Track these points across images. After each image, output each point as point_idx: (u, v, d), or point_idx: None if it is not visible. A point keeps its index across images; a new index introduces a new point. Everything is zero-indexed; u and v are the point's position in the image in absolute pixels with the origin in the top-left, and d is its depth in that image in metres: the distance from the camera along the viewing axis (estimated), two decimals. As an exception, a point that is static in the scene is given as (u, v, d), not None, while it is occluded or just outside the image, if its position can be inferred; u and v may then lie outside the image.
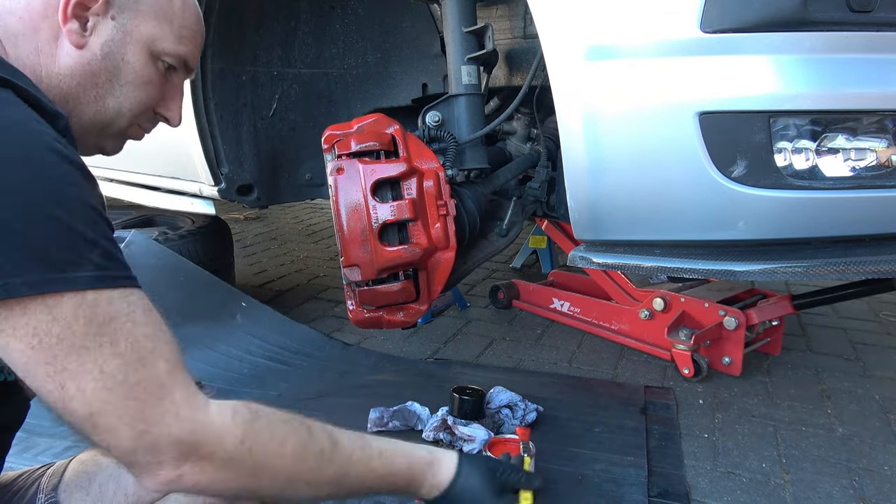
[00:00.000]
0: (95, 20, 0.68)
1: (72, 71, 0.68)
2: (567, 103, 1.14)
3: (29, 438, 1.44)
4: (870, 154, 1.05)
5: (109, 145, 0.77)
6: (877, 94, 1.02)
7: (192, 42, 0.77)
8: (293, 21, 1.85)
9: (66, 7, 0.66)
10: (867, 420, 1.63)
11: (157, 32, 0.72)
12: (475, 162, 1.46)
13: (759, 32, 0.99)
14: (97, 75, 0.69)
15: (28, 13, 0.67)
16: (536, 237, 2.91)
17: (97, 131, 0.73)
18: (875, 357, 2.05)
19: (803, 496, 1.32)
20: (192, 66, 0.79)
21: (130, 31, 0.70)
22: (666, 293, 1.97)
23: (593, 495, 1.27)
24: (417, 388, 1.76)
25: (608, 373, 1.93)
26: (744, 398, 1.75)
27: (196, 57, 0.79)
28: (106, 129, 0.74)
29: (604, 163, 1.14)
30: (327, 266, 3.18)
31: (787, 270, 1.07)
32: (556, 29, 1.13)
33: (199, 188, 2.00)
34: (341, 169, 1.27)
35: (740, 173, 1.05)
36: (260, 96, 1.89)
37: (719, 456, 1.46)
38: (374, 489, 0.74)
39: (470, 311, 2.50)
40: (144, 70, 0.72)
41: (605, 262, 1.24)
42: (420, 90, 1.97)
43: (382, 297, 1.33)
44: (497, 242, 1.57)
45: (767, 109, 1.02)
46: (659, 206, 1.14)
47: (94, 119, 0.72)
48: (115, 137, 0.77)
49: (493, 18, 1.60)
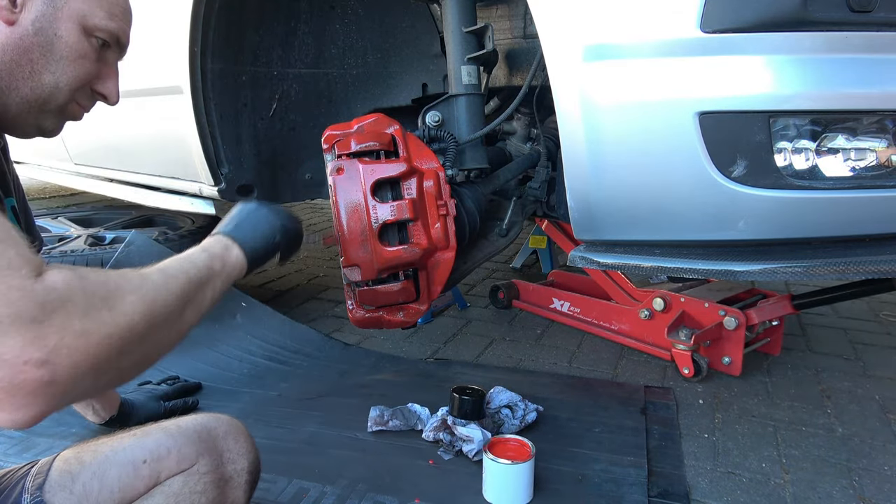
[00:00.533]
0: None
1: (3, 47, 0.69)
2: (567, 103, 1.14)
3: (29, 438, 1.44)
4: (870, 154, 1.05)
5: (49, 124, 0.78)
6: (877, 94, 1.02)
7: (123, 19, 0.78)
8: (293, 21, 1.85)
9: None
10: (867, 420, 1.63)
11: (88, 8, 0.73)
12: (475, 162, 1.46)
13: (759, 32, 0.99)
14: (30, 51, 0.70)
15: None
16: (536, 237, 2.91)
17: (36, 109, 0.74)
18: (875, 357, 2.05)
19: (803, 496, 1.32)
20: (124, 44, 0.80)
21: (61, 7, 0.71)
22: (666, 293, 1.97)
23: (593, 495, 1.27)
24: (417, 388, 1.76)
25: (608, 373, 1.93)
26: (744, 398, 1.75)
27: (127, 35, 0.80)
28: (44, 105, 0.75)
29: (604, 163, 1.14)
30: (327, 266, 3.18)
31: (787, 270, 1.07)
32: (555, 29, 1.13)
33: (199, 188, 2.00)
34: (341, 169, 1.27)
35: (740, 173, 1.05)
36: (260, 96, 1.89)
37: (719, 456, 1.46)
38: (204, 282, 0.74)
39: (470, 311, 2.50)
40: (78, 45, 0.73)
41: (605, 262, 1.24)
42: (420, 90, 1.97)
43: (382, 297, 1.33)
44: (497, 242, 1.58)
45: (767, 109, 1.02)
46: (659, 207, 1.14)
47: (32, 95, 0.73)
48: (54, 115, 0.77)
49: (493, 18, 1.60)
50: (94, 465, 0.78)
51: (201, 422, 0.86)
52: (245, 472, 0.86)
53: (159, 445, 0.80)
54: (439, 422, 1.44)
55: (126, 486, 0.78)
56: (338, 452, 1.42)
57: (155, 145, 2.10)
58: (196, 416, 0.87)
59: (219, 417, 0.89)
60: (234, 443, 0.87)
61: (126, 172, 2.40)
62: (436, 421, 1.46)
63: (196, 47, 1.69)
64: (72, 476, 0.78)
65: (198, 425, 0.85)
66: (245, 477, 0.86)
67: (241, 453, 0.87)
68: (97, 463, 0.79)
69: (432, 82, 1.95)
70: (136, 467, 0.79)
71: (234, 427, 0.89)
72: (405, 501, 1.24)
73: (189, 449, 0.81)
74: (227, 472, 0.84)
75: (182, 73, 1.73)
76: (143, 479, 0.79)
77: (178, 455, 0.80)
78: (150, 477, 0.79)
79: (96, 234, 2.47)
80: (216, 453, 0.84)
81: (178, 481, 0.80)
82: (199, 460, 0.81)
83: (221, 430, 0.87)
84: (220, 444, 0.85)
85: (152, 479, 0.79)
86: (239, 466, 0.86)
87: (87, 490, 0.77)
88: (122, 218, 2.77)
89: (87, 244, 2.30)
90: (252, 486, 0.88)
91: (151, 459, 0.79)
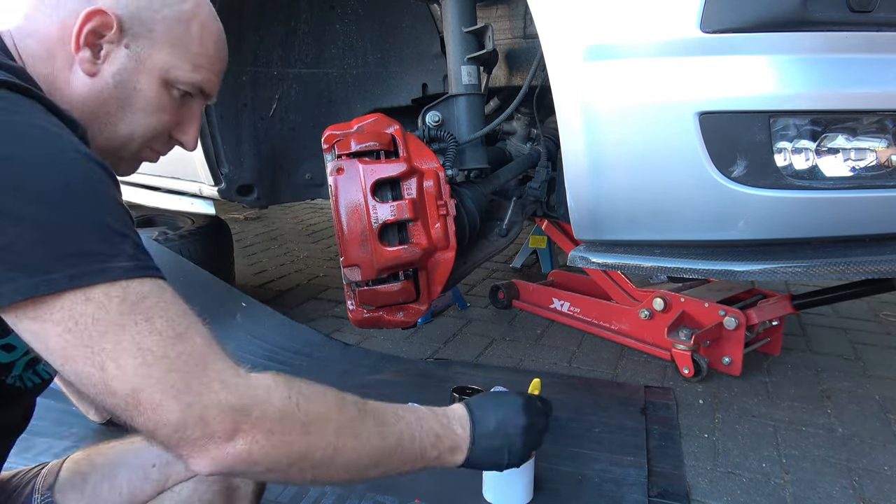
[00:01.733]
0: (109, 48, 0.68)
1: (84, 98, 0.68)
2: (567, 103, 1.14)
3: (29, 438, 1.44)
4: (870, 154, 1.05)
5: (122, 167, 0.78)
6: (877, 94, 1.02)
7: (210, 70, 0.76)
8: (293, 21, 1.85)
9: (79, 35, 0.66)
10: (867, 420, 1.63)
11: (172, 60, 0.71)
12: (475, 162, 1.46)
13: (758, 32, 0.99)
14: (108, 103, 0.69)
15: (46, 37, 0.67)
16: (536, 237, 2.91)
17: (110, 156, 0.74)
18: (875, 357, 2.05)
19: (803, 496, 1.32)
20: (210, 93, 0.79)
21: (143, 60, 0.70)
22: (666, 293, 1.97)
23: (593, 495, 1.27)
24: (417, 388, 1.76)
25: (608, 373, 1.93)
26: (744, 398, 1.75)
27: (215, 84, 0.78)
28: (118, 152, 0.74)
29: (604, 163, 1.14)
30: (327, 266, 3.18)
31: (787, 270, 1.07)
32: (555, 29, 1.13)
33: (199, 188, 2.00)
34: (341, 169, 1.26)
35: (740, 173, 1.04)
36: (260, 96, 1.89)
37: (719, 456, 1.46)
38: (405, 459, 0.72)
39: (470, 311, 2.50)
40: (157, 98, 0.72)
41: (604, 262, 1.23)
42: (420, 90, 1.97)
43: (382, 297, 1.33)
44: (497, 242, 1.57)
45: (767, 109, 1.01)
46: (659, 206, 1.14)
47: (106, 144, 0.72)
48: (127, 161, 0.77)
49: (493, 18, 1.60)
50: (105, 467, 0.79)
51: None
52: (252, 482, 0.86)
53: None
54: (439, 422, 1.44)
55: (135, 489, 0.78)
56: (338, 452, 1.42)
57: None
58: None
59: None
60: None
61: (126, 172, 2.40)
62: (436, 421, 1.46)
63: (196, 47, 1.69)
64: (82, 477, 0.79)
65: None
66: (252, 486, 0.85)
67: None
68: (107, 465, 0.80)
69: (432, 82, 1.95)
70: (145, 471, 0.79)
71: None
72: (405, 501, 1.24)
73: None
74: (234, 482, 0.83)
75: (182, 73, 1.73)
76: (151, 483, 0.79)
77: None
78: (158, 481, 0.79)
79: (96, 234, 2.47)
80: None
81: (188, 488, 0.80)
82: None
83: None
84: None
85: (160, 483, 0.79)
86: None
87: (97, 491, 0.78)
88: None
89: (87, 244, 2.30)
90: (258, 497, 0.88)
91: (160, 464, 0.80)
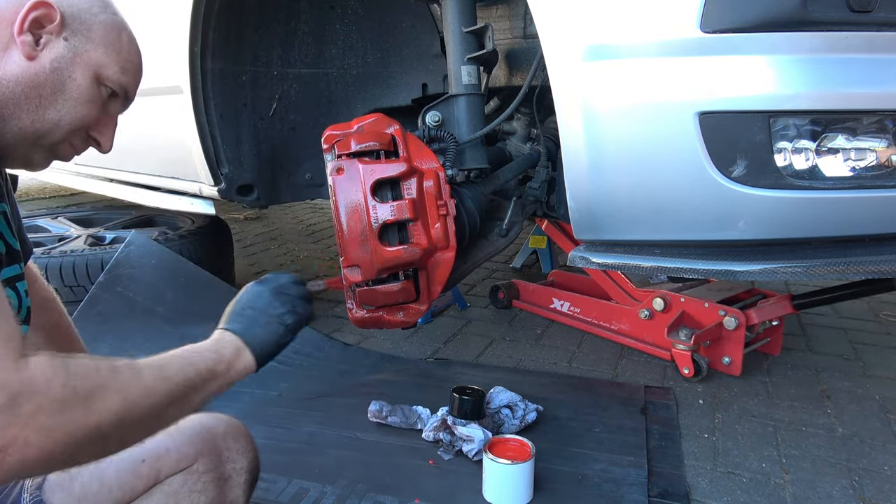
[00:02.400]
0: (48, 38, 0.73)
1: (17, 78, 0.72)
2: (567, 103, 1.14)
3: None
4: (870, 154, 1.05)
5: (37, 158, 0.80)
6: (877, 94, 1.02)
7: (134, 75, 0.83)
8: (293, 21, 1.85)
9: (23, 22, 0.71)
10: (867, 420, 1.63)
11: (105, 60, 0.78)
12: (475, 162, 1.46)
13: (758, 32, 0.99)
14: (42, 86, 0.74)
15: None
16: (536, 237, 2.91)
17: (30, 141, 0.76)
18: (875, 357, 2.05)
19: (803, 496, 1.32)
20: (130, 98, 0.85)
21: (80, 54, 0.76)
22: (666, 293, 1.97)
23: (593, 495, 1.27)
24: (417, 388, 1.76)
25: (608, 373, 1.93)
26: (744, 398, 1.75)
27: (134, 90, 0.85)
28: (39, 139, 0.77)
29: (604, 163, 1.14)
30: (327, 266, 3.18)
31: (787, 270, 1.07)
32: (555, 29, 1.13)
33: (199, 188, 2.00)
34: (341, 169, 1.26)
35: (740, 173, 1.04)
36: (260, 96, 1.89)
37: (719, 456, 1.46)
38: (199, 386, 0.71)
39: (470, 311, 2.50)
40: (89, 90, 0.77)
41: (604, 262, 1.23)
42: (420, 90, 1.97)
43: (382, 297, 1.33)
44: (497, 242, 1.57)
45: (767, 109, 1.01)
46: (659, 207, 1.14)
47: (31, 128, 0.74)
48: (45, 150, 0.79)
49: (493, 18, 1.60)
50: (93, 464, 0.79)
51: (201, 421, 0.86)
52: (244, 471, 0.86)
53: (158, 445, 0.81)
54: (439, 422, 1.44)
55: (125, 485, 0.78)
56: (338, 452, 1.42)
57: (155, 145, 2.10)
58: (195, 416, 0.87)
59: (218, 417, 0.89)
60: (234, 442, 0.87)
61: (126, 172, 2.39)
62: (436, 421, 1.46)
63: (196, 47, 1.69)
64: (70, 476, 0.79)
65: (197, 425, 0.85)
66: (244, 476, 0.86)
67: (241, 452, 0.87)
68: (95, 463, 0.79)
69: (432, 82, 1.95)
70: (135, 466, 0.79)
71: (234, 426, 0.89)
72: (405, 501, 1.24)
73: (188, 448, 0.82)
74: (226, 471, 0.84)
75: (182, 73, 1.73)
76: (142, 479, 0.79)
77: (177, 454, 0.81)
78: (149, 476, 0.79)
79: (96, 234, 2.47)
80: (215, 452, 0.84)
81: (178, 480, 0.80)
82: (199, 459, 0.82)
83: (221, 429, 0.87)
84: (220, 443, 0.85)
85: (151, 478, 0.79)
86: (238, 465, 0.86)
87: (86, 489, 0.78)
88: (122, 218, 2.77)
89: (87, 244, 2.30)
90: (251, 486, 0.88)
91: (150, 458, 0.80)
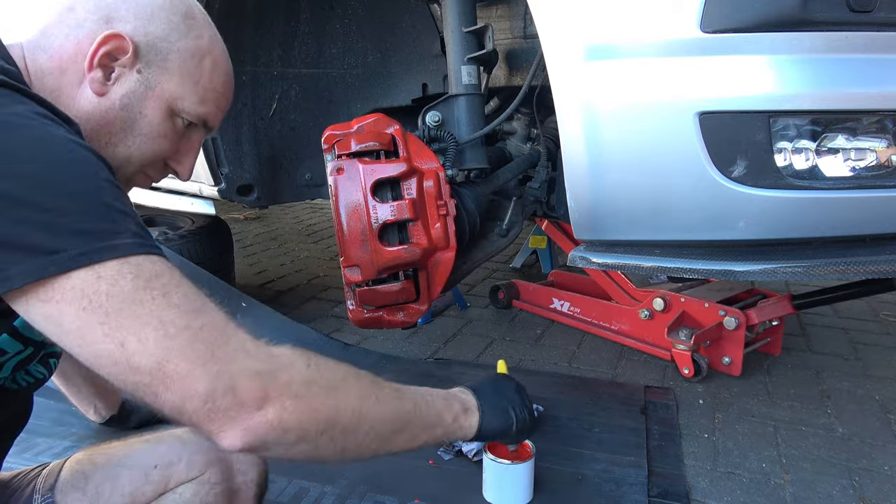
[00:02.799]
0: (121, 71, 0.69)
1: (88, 116, 0.69)
2: (567, 103, 1.14)
3: (29, 438, 1.44)
4: (870, 154, 1.05)
5: None
6: (877, 94, 1.02)
7: (216, 104, 0.77)
8: (293, 21, 1.85)
9: (93, 55, 0.67)
10: (867, 420, 1.63)
11: (180, 91, 0.72)
12: (475, 162, 1.46)
13: (758, 32, 0.99)
14: (112, 124, 0.70)
15: (59, 54, 0.68)
16: (536, 237, 2.91)
17: None
18: (875, 357, 2.05)
19: (803, 496, 1.32)
20: (213, 126, 0.80)
21: (153, 87, 0.71)
22: (666, 293, 1.97)
23: (593, 495, 1.27)
24: (417, 388, 1.76)
25: (608, 373, 1.93)
26: (744, 398, 1.75)
27: (218, 118, 0.79)
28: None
29: (604, 163, 1.14)
30: (327, 266, 3.18)
31: (787, 270, 1.07)
32: (555, 29, 1.13)
33: (199, 188, 2.00)
34: (341, 169, 1.26)
35: (740, 173, 1.05)
36: (260, 96, 1.89)
37: (719, 456, 1.46)
38: (426, 423, 0.77)
39: (470, 311, 2.50)
40: (161, 125, 0.73)
41: (604, 262, 1.23)
42: (420, 90, 1.97)
43: (382, 297, 1.33)
44: (497, 242, 1.57)
45: (767, 109, 1.01)
46: (659, 207, 1.14)
47: None
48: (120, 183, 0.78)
49: (493, 18, 1.60)
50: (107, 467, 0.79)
51: None
52: (254, 483, 0.86)
53: (170, 452, 0.81)
54: (439, 422, 1.43)
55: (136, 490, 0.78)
56: (338, 452, 1.42)
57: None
58: None
59: None
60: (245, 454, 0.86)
61: (126, 172, 2.40)
62: (436, 421, 1.45)
63: (196, 47, 1.69)
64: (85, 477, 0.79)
65: None
66: (254, 490, 0.86)
67: (251, 464, 0.86)
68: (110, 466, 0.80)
69: (432, 82, 1.95)
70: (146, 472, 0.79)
71: None
72: (405, 501, 1.24)
73: (199, 457, 0.81)
74: (236, 483, 0.84)
75: (182, 73, 1.73)
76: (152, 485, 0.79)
77: (187, 463, 0.81)
78: (159, 483, 0.79)
79: (96, 234, 2.46)
80: (226, 463, 0.83)
81: (189, 489, 0.80)
82: (210, 469, 0.81)
83: None
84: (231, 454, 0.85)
85: (161, 485, 0.79)
86: (248, 478, 0.85)
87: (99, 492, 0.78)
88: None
89: (87, 244, 2.30)
90: (260, 498, 0.88)
91: (161, 465, 0.80)
